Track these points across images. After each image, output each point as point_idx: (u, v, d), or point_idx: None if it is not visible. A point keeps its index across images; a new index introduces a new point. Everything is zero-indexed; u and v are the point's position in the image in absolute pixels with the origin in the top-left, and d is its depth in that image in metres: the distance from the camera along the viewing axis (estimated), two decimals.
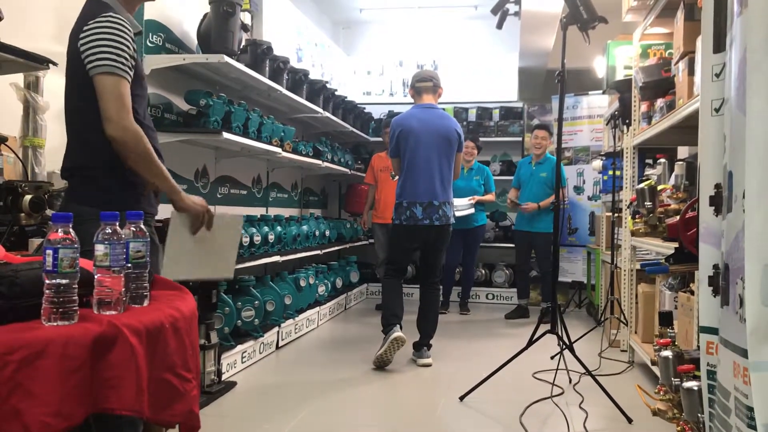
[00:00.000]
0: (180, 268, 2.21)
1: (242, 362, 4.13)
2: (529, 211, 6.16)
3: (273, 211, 5.55)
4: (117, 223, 1.34)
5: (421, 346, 4.47)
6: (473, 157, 6.55)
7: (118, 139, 2.05)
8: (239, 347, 4.07)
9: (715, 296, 1.76)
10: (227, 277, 2.52)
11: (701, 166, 1.84)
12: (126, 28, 2.10)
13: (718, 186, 1.76)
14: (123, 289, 1.34)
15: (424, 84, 4.59)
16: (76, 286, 1.23)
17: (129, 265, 1.39)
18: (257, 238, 4.37)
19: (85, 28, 2.07)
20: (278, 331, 4.76)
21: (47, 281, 1.20)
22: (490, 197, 6.60)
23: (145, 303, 1.43)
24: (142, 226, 1.44)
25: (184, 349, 1.39)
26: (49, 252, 1.19)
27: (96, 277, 1.31)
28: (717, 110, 1.80)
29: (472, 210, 6.40)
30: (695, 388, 2.13)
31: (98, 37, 2.05)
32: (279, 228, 4.85)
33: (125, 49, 2.08)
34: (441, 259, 4.60)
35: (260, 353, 4.43)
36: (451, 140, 4.47)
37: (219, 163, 4.73)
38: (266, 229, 4.61)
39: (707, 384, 1.82)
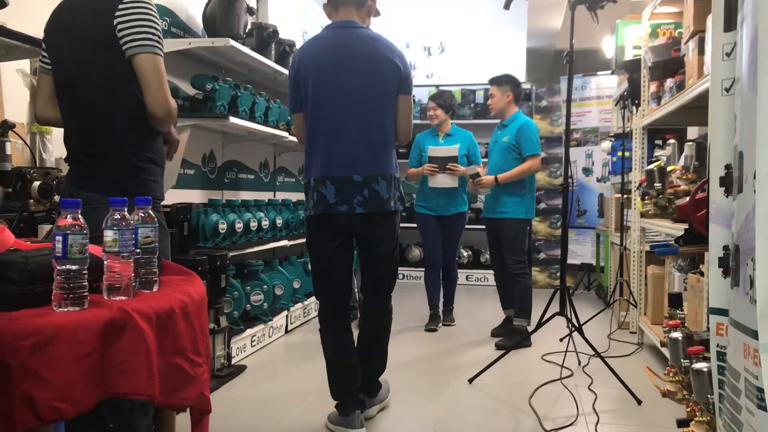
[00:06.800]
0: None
1: (252, 346, 4.16)
2: (485, 187, 4.68)
3: (281, 196, 5.55)
4: (126, 209, 1.34)
5: (368, 392, 3.06)
6: (438, 119, 5.09)
7: (161, 117, 2.15)
8: (248, 331, 4.09)
9: (725, 277, 1.75)
10: (172, 185, 3.24)
11: (711, 147, 1.83)
12: (156, 11, 2.18)
13: (728, 166, 1.75)
14: (132, 275, 1.34)
15: None
16: (86, 271, 1.23)
17: (138, 250, 1.40)
18: (265, 223, 4.37)
19: (121, 7, 2.10)
20: (287, 315, 4.78)
21: (57, 267, 1.20)
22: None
23: (155, 288, 1.44)
24: (151, 212, 1.44)
25: (194, 334, 1.39)
26: (59, 238, 1.20)
27: (105, 262, 1.31)
28: (728, 90, 1.78)
29: (455, 183, 4.91)
30: (705, 369, 2.12)
31: (139, 18, 2.11)
32: (287, 212, 4.85)
33: (160, 31, 2.17)
34: (387, 267, 2.98)
35: (269, 337, 4.45)
36: (384, 74, 2.81)
37: (226, 148, 4.73)
38: (274, 213, 4.61)
39: (717, 365, 1.82)
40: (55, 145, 2.80)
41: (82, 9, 2.20)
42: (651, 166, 3.38)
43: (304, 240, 5.15)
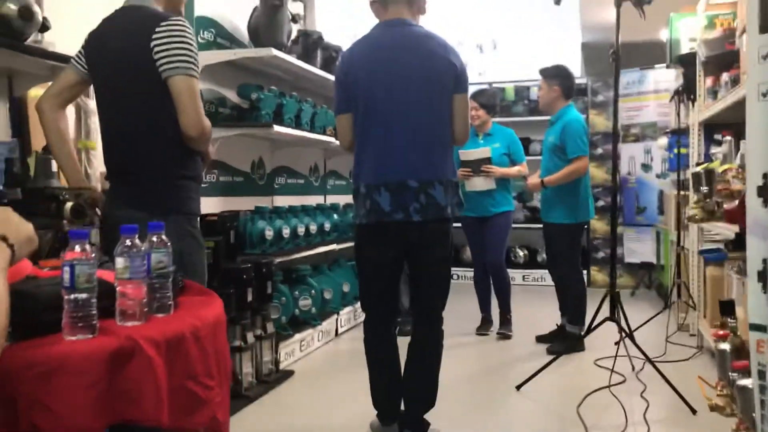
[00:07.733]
0: None
1: (300, 350, 4.20)
2: (532, 190, 4.68)
3: (331, 199, 5.58)
4: (136, 236, 1.37)
5: (411, 426, 2.82)
6: (480, 120, 4.85)
7: (195, 137, 2.21)
8: (297, 336, 4.14)
9: (764, 292, 1.66)
10: None
11: (748, 155, 1.74)
12: (192, 34, 2.22)
13: (766, 175, 1.66)
14: (144, 300, 1.37)
15: None
16: (95, 299, 1.26)
17: (153, 276, 1.42)
18: (312, 228, 4.39)
19: (158, 30, 2.15)
20: (337, 319, 4.80)
21: (65, 297, 1.23)
22: (518, 170, 4.84)
23: (171, 312, 1.46)
24: (164, 237, 1.46)
25: (206, 357, 1.41)
26: (66, 269, 1.23)
27: (117, 288, 1.34)
28: (764, 95, 1.69)
29: (492, 185, 4.71)
30: (749, 386, 2.02)
31: (175, 40, 2.15)
32: (335, 216, 4.87)
33: (196, 52, 2.21)
34: (440, 280, 2.80)
35: (318, 341, 4.49)
36: (438, 73, 2.67)
37: (275, 154, 4.79)
38: (322, 218, 4.63)
39: (759, 384, 1.73)
40: (100, 161, 2.88)
41: (120, 32, 2.25)
42: (697, 168, 3.25)
43: (353, 243, 5.18)
